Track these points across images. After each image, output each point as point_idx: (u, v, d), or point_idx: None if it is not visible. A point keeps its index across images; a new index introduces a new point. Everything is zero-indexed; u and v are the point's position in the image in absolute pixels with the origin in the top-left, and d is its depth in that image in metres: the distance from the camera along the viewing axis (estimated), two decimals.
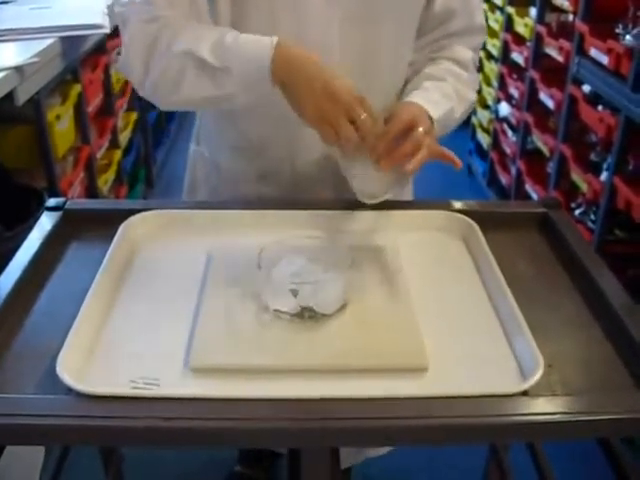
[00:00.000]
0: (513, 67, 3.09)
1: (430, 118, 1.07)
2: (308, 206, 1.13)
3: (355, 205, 1.15)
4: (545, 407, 0.75)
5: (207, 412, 0.74)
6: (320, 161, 1.20)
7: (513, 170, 3.02)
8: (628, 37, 1.94)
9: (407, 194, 1.37)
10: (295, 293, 0.89)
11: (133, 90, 2.98)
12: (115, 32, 2.59)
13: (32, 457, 1.37)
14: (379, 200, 1.06)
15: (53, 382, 0.77)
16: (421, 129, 1.01)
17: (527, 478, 1.31)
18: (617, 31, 2.03)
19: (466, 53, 1.21)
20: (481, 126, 3.59)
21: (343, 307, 0.92)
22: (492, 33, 3.34)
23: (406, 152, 0.99)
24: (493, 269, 0.98)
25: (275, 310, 0.90)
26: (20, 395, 0.78)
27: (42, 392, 0.78)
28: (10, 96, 1.66)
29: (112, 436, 0.78)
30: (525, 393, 0.77)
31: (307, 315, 0.90)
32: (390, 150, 1.00)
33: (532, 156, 2.86)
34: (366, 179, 1.05)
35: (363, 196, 1.07)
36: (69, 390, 0.76)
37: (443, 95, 1.13)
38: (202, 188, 1.31)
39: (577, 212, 2.34)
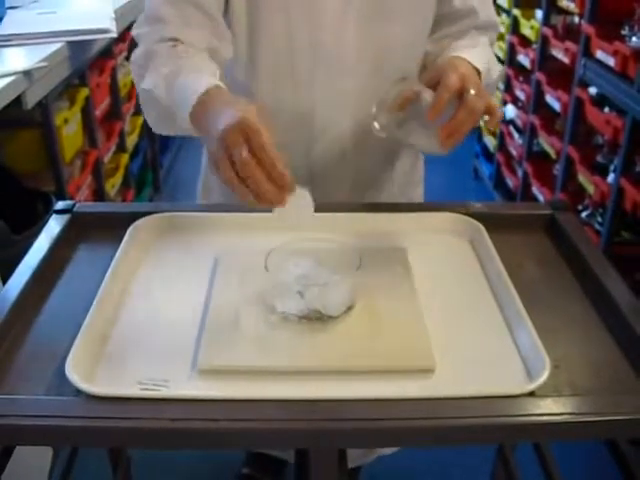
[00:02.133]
0: (519, 69, 3.10)
1: (476, 70, 1.05)
2: (316, 209, 1.13)
3: (362, 208, 1.16)
4: (552, 408, 0.75)
5: (215, 413, 0.74)
6: (338, 161, 1.21)
7: (520, 173, 3.01)
8: (634, 39, 1.95)
9: (417, 193, 1.37)
10: (303, 295, 0.89)
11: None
12: (122, 36, 2.61)
13: (40, 458, 1.38)
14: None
15: (62, 384, 0.78)
16: (472, 91, 0.96)
17: (534, 478, 1.31)
18: (623, 33, 2.03)
19: (485, 39, 1.21)
20: (487, 129, 3.59)
21: (350, 309, 0.92)
22: (498, 35, 3.33)
23: (460, 121, 0.96)
24: (500, 271, 0.98)
25: (283, 312, 0.91)
26: (30, 396, 0.78)
27: (51, 393, 0.78)
28: (18, 100, 1.67)
29: (120, 437, 0.78)
30: (532, 394, 0.78)
31: (315, 317, 0.90)
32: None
33: (539, 158, 2.86)
34: (422, 141, 1.04)
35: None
36: (78, 391, 0.77)
37: (481, 53, 1.13)
38: (216, 193, 1.32)
39: (584, 214, 2.34)
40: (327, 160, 1.20)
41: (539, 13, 2.78)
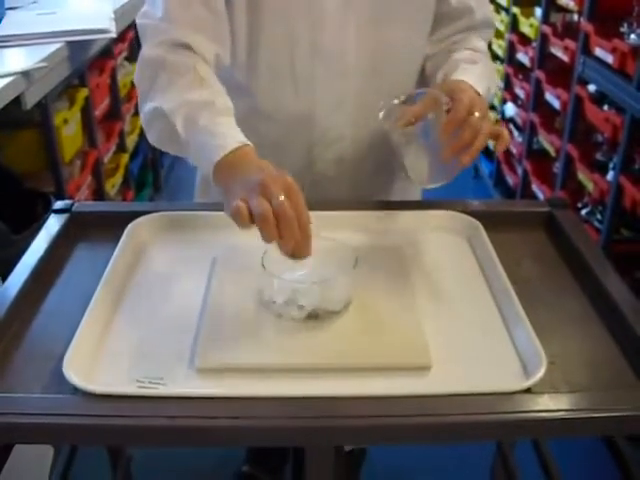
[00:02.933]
0: (519, 67, 3.10)
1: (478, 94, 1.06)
2: (312, 207, 1.13)
3: (360, 206, 1.16)
4: (548, 404, 0.76)
5: (213, 411, 0.75)
6: (338, 162, 1.21)
7: (519, 170, 3.02)
8: (633, 36, 1.95)
9: (415, 194, 1.38)
10: (299, 293, 0.89)
11: None
12: (121, 36, 2.62)
13: (41, 457, 1.38)
14: (432, 187, 1.05)
15: (60, 382, 0.78)
16: (477, 114, 0.97)
17: (534, 475, 1.31)
18: (622, 30, 2.04)
19: (483, 44, 1.22)
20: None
21: (347, 307, 0.92)
22: (497, 34, 3.34)
23: (466, 141, 0.96)
24: (497, 269, 0.98)
25: (279, 310, 0.91)
26: (28, 394, 0.78)
27: (49, 392, 0.79)
28: (18, 100, 1.67)
29: (118, 435, 0.79)
30: (528, 390, 0.78)
31: (311, 315, 0.90)
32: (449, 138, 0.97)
33: (538, 156, 2.86)
34: (421, 166, 1.04)
35: (417, 182, 1.11)
36: (75, 390, 0.77)
37: (481, 74, 1.13)
38: (214, 192, 1.31)
39: (583, 212, 2.34)
40: (327, 161, 1.21)
41: (538, 11, 2.78)
